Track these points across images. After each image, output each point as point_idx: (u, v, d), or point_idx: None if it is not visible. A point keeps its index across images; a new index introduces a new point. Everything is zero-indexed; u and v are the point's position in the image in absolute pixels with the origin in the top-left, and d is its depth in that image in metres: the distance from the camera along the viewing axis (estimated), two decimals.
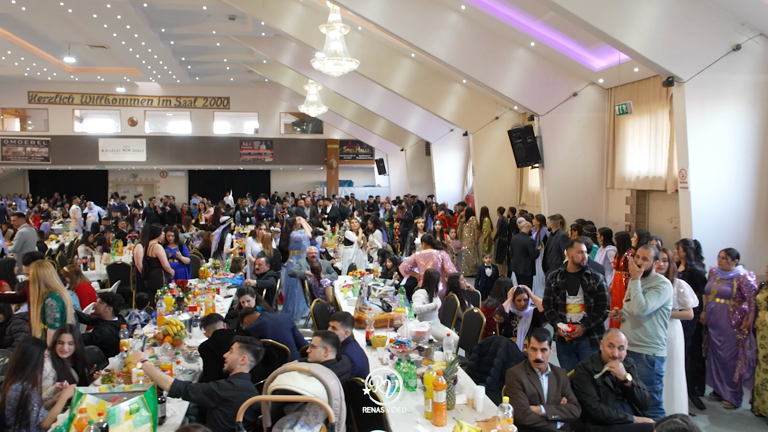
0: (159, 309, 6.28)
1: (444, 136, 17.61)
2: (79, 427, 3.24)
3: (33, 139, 24.40)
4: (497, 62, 10.58)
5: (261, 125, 26.08)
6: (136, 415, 3.42)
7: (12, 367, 4.01)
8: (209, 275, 8.48)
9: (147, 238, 8.39)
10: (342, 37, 11.13)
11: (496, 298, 6.41)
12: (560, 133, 10.71)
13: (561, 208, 10.67)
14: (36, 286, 5.00)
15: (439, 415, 3.87)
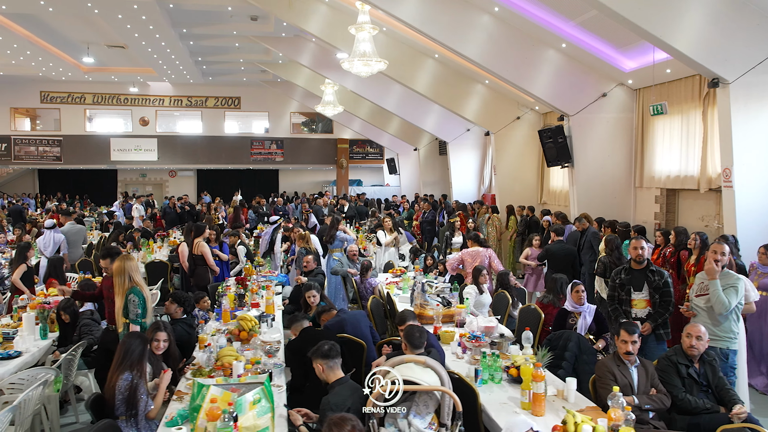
0: (223, 306, 6.37)
1: (461, 135, 17.73)
2: (211, 417, 3.34)
3: (45, 138, 24.35)
4: (528, 63, 10.71)
5: (271, 125, 26.13)
6: (257, 405, 3.52)
7: (118, 360, 4.11)
8: (254, 273, 8.57)
9: (192, 236, 8.47)
10: (371, 37, 11.25)
11: (552, 294, 6.54)
12: (589, 133, 10.86)
13: (590, 207, 10.82)
14: (121, 279, 5.06)
15: (539, 406, 3.99)
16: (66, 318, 6.01)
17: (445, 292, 6.77)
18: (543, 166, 14.52)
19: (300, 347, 4.77)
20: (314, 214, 15.65)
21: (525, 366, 4.17)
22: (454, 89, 14.46)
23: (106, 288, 5.64)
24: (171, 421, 3.79)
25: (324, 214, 16.77)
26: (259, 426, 3.48)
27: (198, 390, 3.57)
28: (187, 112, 25.93)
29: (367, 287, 8.01)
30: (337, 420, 2.90)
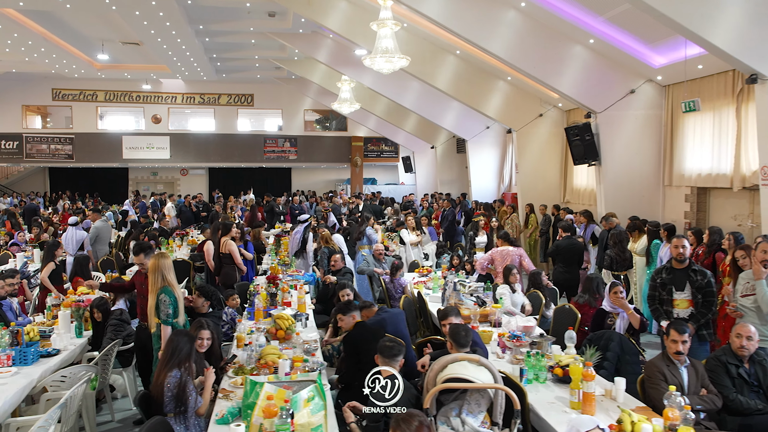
0: (256, 305, 6.46)
1: (480, 133, 17.75)
2: (268, 413, 3.41)
3: (57, 136, 24.60)
4: (555, 59, 10.73)
5: (285, 122, 26.25)
6: (311, 402, 3.59)
7: (166, 358, 4.19)
8: (279, 272, 8.64)
9: (219, 234, 8.56)
10: (393, 34, 11.29)
11: (588, 294, 6.56)
12: (617, 131, 10.86)
13: (617, 205, 10.82)
14: (155, 277, 5.14)
15: (590, 405, 4.03)
16: (98, 316, 6.11)
17: (478, 292, 6.83)
18: (566, 164, 14.52)
19: (356, 342, 4.86)
20: (332, 212, 15.75)
21: (574, 365, 4.21)
22: (476, 86, 14.49)
23: (139, 283, 5.73)
24: (222, 418, 3.86)
25: (342, 212, 16.87)
26: (314, 423, 3.54)
27: (251, 387, 3.65)
28: (199, 110, 26.12)
29: (396, 287, 8.07)
30: (405, 416, 2.96)
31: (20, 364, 4.94)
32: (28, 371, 4.84)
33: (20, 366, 4.91)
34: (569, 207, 13.38)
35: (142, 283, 5.66)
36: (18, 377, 4.69)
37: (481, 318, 6.15)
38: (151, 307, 5.12)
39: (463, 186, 21.17)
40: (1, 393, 4.34)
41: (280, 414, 3.36)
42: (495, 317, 6.25)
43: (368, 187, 26.10)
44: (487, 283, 7.10)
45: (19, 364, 4.94)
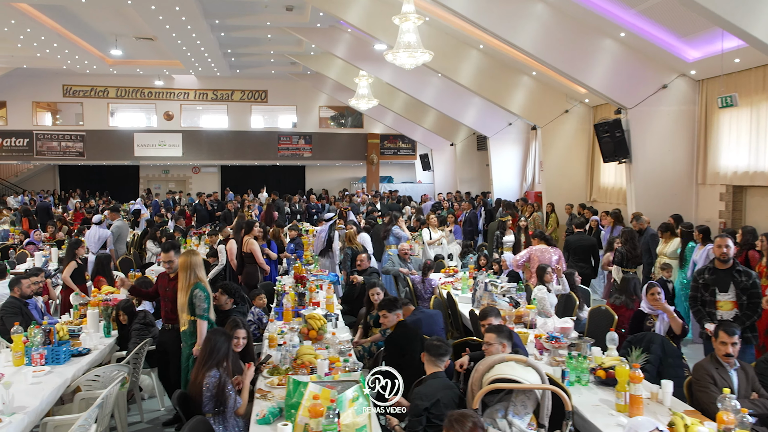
0: (285, 305, 6.53)
1: (502, 130, 17.76)
2: (314, 413, 3.46)
3: (68, 133, 24.88)
4: (584, 54, 10.73)
5: (299, 119, 26.38)
6: (356, 403, 3.64)
7: (204, 357, 4.26)
8: (303, 272, 8.71)
9: (242, 233, 8.65)
10: (416, 28, 11.33)
11: (624, 295, 6.56)
12: (648, 127, 10.83)
13: (649, 204, 10.80)
14: (187, 274, 5.21)
15: (637, 408, 4.05)
16: (124, 319, 6.20)
17: (511, 292, 6.86)
18: (593, 161, 14.50)
19: (399, 341, 4.91)
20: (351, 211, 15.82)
21: (621, 367, 4.23)
22: (499, 81, 14.51)
23: (162, 287, 5.80)
24: (263, 418, 3.93)
25: (360, 211, 16.94)
26: (358, 424, 3.59)
27: (294, 387, 3.71)
28: (212, 106, 26.31)
29: (427, 287, 8.11)
30: (458, 416, 3.01)
31: (52, 363, 5.04)
32: (61, 370, 4.94)
33: (52, 365, 5.01)
34: (594, 207, 13.37)
35: (165, 286, 5.72)
36: (52, 376, 4.79)
37: (515, 319, 6.18)
38: (183, 305, 5.19)
39: (484, 184, 21.18)
40: (38, 391, 4.44)
41: (327, 414, 3.41)
42: (530, 318, 6.27)
43: (384, 185, 26.16)
44: (519, 284, 7.12)
45: (52, 363, 5.04)
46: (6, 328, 6.25)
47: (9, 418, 3.97)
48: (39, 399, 4.33)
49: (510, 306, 6.39)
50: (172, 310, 5.57)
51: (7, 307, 6.27)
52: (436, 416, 3.92)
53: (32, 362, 4.96)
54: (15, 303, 6.33)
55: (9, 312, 6.22)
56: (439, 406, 3.93)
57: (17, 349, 5.03)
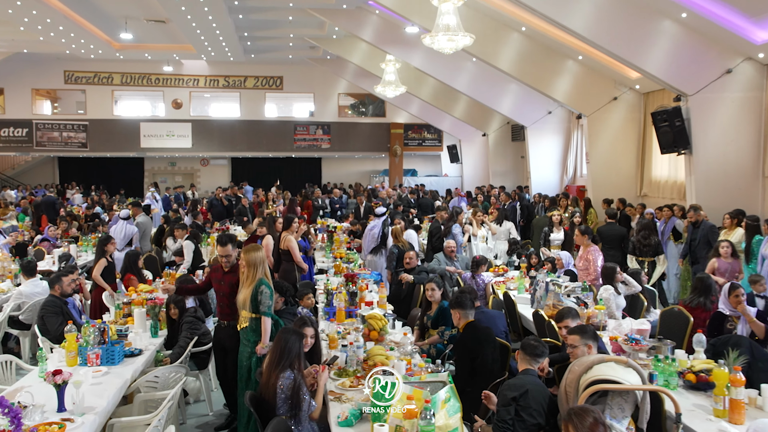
0: (336, 305, 6.69)
1: (541, 119, 17.82)
2: (409, 414, 3.61)
3: (70, 123, 25.19)
4: (641, 36, 10.78)
5: (317, 108, 26.56)
6: (447, 404, 3.79)
7: (276, 358, 4.41)
8: (344, 270, 8.87)
9: (276, 227, 8.82)
10: (456, 9, 11.43)
11: (702, 296, 6.64)
12: (711, 115, 10.87)
13: (710, 199, 10.83)
14: (252, 270, 5.39)
15: (738, 413, 4.16)
16: (174, 313, 6.39)
17: (576, 292, 6.97)
18: (643, 153, 14.54)
19: (468, 344, 5.05)
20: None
21: (719, 370, 4.34)
22: (542, 66, 14.58)
23: (216, 280, 5.96)
24: (345, 420, 4.08)
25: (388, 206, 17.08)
26: (451, 426, 3.74)
27: (383, 388, 3.85)
28: (223, 94, 26.57)
29: (479, 284, 8.24)
30: (579, 411, 3.13)
31: (107, 363, 5.22)
32: (118, 371, 5.13)
33: (107, 365, 5.19)
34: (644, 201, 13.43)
35: (220, 280, 5.90)
36: (111, 377, 4.97)
37: (585, 321, 6.28)
38: (245, 301, 5.36)
39: (519, 178, 21.26)
40: (101, 392, 4.62)
41: (425, 415, 3.55)
42: (598, 320, 6.38)
43: (408, 179, 26.28)
44: (584, 283, 7.23)
45: (106, 363, 5.22)
46: (47, 328, 6.47)
47: (81, 418, 4.15)
48: (105, 399, 4.51)
49: (581, 306, 6.50)
50: (228, 305, 5.76)
51: (48, 306, 6.48)
52: (523, 407, 4.06)
53: (87, 362, 5.14)
54: (56, 302, 6.53)
55: (50, 311, 6.42)
56: (526, 397, 4.07)
57: (71, 349, 5.22)
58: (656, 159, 13.96)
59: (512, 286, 8.41)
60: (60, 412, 4.26)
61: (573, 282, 7.49)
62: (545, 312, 6.58)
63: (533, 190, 17.92)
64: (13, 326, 7.71)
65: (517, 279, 8.57)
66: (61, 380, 4.25)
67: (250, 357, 5.40)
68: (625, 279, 7.12)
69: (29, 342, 7.78)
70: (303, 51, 22.88)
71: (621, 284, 7.16)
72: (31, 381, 4.88)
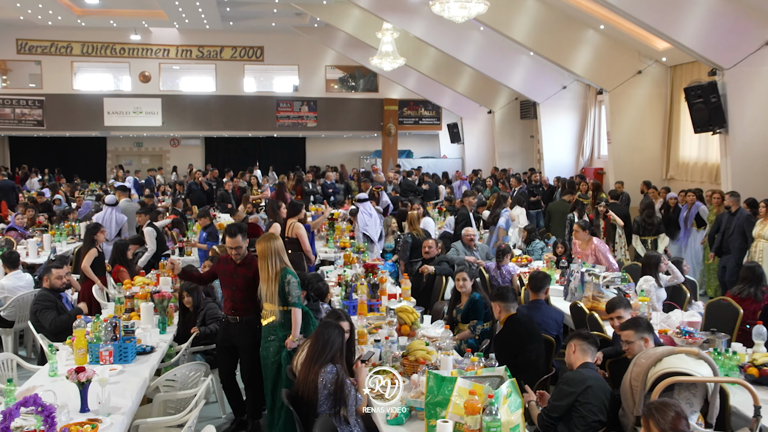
0: (358, 297, 6.86)
1: (555, 94, 18.04)
2: (471, 410, 3.79)
3: (23, 99, 24.95)
4: (674, 3, 10.94)
5: (301, 82, 26.58)
6: (509, 399, 3.98)
7: (316, 352, 4.58)
8: (355, 261, 9.04)
9: (286, 215, 8.96)
10: None
11: (752, 286, 6.88)
12: (749, 91, 11.11)
13: (748, 182, 11.09)
14: (272, 261, 5.53)
15: None
16: (188, 302, 6.53)
17: (616, 283, 7.19)
18: (670, 132, 14.81)
19: (510, 339, 5.24)
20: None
21: None
22: (560, 37, 14.77)
23: (224, 273, 6.07)
24: (395, 418, 4.27)
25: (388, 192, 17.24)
26: (512, 422, 3.93)
27: (438, 383, 4.03)
28: (197, 66, 26.49)
29: (504, 275, 8.44)
30: (659, 405, 3.33)
31: (120, 361, 5.35)
32: (134, 369, 5.26)
33: (120, 363, 5.32)
34: (671, 185, 13.72)
35: (230, 273, 6.01)
36: (128, 376, 5.10)
37: None
38: (271, 295, 5.51)
39: (528, 159, 21.53)
40: (122, 392, 4.75)
41: (489, 410, 3.74)
42: (642, 313, 6.60)
43: (402, 161, 26.39)
44: (623, 273, 7.46)
45: (119, 361, 5.35)
46: (41, 324, 6.58)
47: (108, 419, 4.29)
48: (129, 399, 4.65)
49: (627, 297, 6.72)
50: (242, 300, 5.91)
51: (41, 301, 6.59)
52: (584, 404, 4.27)
53: (100, 360, 5.26)
54: (49, 296, 6.64)
55: (43, 306, 6.54)
56: (588, 393, 4.28)
57: (80, 346, 5.34)
58: (685, 139, 14.24)
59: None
60: (83, 412, 4.40)
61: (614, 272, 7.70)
62: (584, 304, 6.80)
63: (546, 172, 18.16)
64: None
65: (544, 270, 8.78)
66: (85, 378, 4.38)
67: (278, 353, 5.55)
68: (668, 268, 7.36)
69: (12, 341, 7.87)
70: (287, 18, 22.85)
71: (663, 275, 7.41)
72: (42, 380, 5.01)
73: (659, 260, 7.28)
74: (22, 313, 7.77)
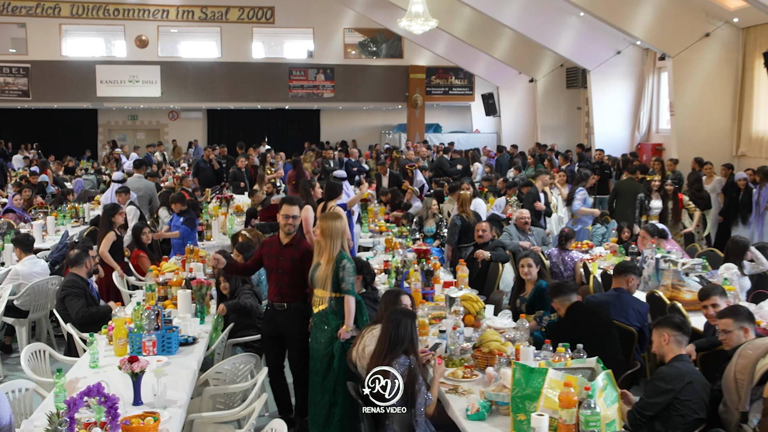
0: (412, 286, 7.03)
1: (608, 60, 18.06)
2: (566, 403, 3.96)
3: (6, 66, 25.20)
4: None
5: (317, 47, 26.69)
6: (604, 392, 4.15)
7: (387, 343, 4.74)
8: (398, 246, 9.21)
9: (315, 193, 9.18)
10: None
11: None
12: None
13: None
14: (332, 242, 5.67)
15: None
16: (225, 287, 6.76)
17: (697, 270, 7.33)
18: (741, 103, 14.82)
19: (571, 330, 5.41)
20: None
21: None
22: None
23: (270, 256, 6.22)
24: (476, 413, 4.44)
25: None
26: (608, 417, 4.09)
27: (526, 375, 4.20)
28: (200, 29, 26.67)
29: (567, 262, 8.58)
30: None
31: (164, 352, 5.55)
32: (180, 361, 5.46)
33: (164, 355, 5.52)
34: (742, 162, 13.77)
35: (277, 255, 6.14)
36: (175, 368, 5.27)
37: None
38: (324, 279, 5.67)
39: (575, 134, 21.57)
40: (175, 384, 4.94)
41: (588, 404, 3.91)
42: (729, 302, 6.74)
43: (430, 136, 26.50)
44: (703, 259, 7.60)
45: (162, 352, 5.55)
46: (67, 312, 6.80)
47: (167, 412, 4.49)
48: (183, 392, 4.85)
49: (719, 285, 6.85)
50: (290, 285, 6.07)
51: (70, 287, 6.79)
52: (683, 402, 4.42)
53: (143, 350, 5.46)
54: (78, 282, 6.87)
55: (73, 292, 6.74)
56: (687, 391, 4.43)
57: (120, 335, 5.54)
58: (759, 111, 14.27)
59: (604, 264, 8.75)
60: (136, 405, 4.60)
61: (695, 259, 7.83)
62: (663, 293, 6.94)
63: (596, 147, 18.19)
64: (6, 313, 8.01)
65: (609, 257, 8.91)
66: (139, 369, 4.57)
67: (330, 344, 5.71)
68: (753, 255, 7.49)
69: (26, 332, 8.10)
70: None
71: (747, 262, 7.54)
72: (83, 371, 5.22)
73: (746, 246, 7.40)
74: (37, 303, 8.02)
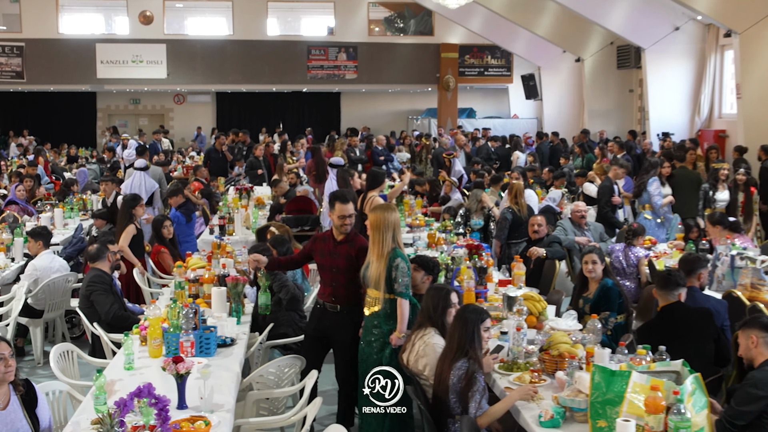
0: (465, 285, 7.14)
1: (665, 38, 18.02)
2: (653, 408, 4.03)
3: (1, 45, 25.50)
4: None
5: (338, 23, 26.77)
6: (693, 397, 4.24)
7: (456, 344, 4.85)
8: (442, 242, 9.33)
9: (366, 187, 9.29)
10: None
11: None
12: None
13: None
14: (384, 236, 5.73)
15: None
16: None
17: None
18: None
19: (663, 332, 5.50)
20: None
21: None
22: None
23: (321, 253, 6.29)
24: (550, 420, 4.54)
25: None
26: (698, 425, 4.18)
27: (608, 379, 4.31)
28: (209, 5, 26.80)
29: (630, 258, 8.66)
30: None
31: (202, 354, 5.69)
32: (221, 363, 5.59)
33: (203, 356, 5.66)
34: None
35: (331, 252, 6.23)
36: (217, 370, 5.39)
37: None
38: (376, 278, 5.74)
39: (626, 120, 21.53)
40: (220, 388, 5.08)
41: (677, 409, 4.00)
42: None
43: (463, 121, 26.50)
44: None
45: (200, 354, 5.69)
46: (93, 310, 6.97)
47: (216, 417, 4.63)
48: (229, 395, 4.99)
49: None
50: (345, 284, 6.15)
51: (97, 283, 6.95)
52: None
53: (180, 351, 5.60)
54: (104, 277, 7.04)
55: (100, 289, 6.91)
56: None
57: (155, 335, 5.69)
58: None
59: (670, 263, 8.80)
60: (181, 409, 4.73)
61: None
62: (742, 294, 7.01)
63: (652, 134, 18.18)
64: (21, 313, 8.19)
65: (675, 254, 8.97)
66: (185, 369, 4.71)
67: (381, 349, 5.80)
68: None
69: (41, 334, 8.29)
70: None
71: None
72: (118, 374, 5.36)
73: None
74: (53, 301, 8.20)
